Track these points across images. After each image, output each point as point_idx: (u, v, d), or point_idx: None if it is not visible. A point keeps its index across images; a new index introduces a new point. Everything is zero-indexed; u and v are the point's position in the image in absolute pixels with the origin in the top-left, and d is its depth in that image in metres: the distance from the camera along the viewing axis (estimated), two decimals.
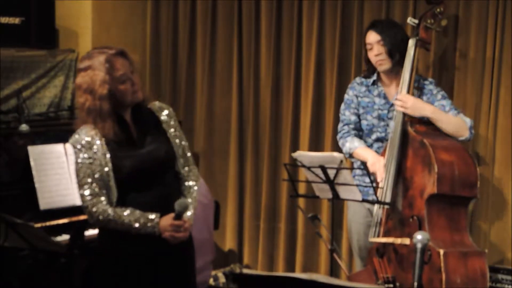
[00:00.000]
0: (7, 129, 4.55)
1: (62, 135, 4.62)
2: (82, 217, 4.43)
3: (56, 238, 4.20)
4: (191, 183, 3.54)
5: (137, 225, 3.31)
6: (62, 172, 4.46)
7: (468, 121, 4.23)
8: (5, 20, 5.00)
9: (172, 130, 3.51)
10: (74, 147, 3.34)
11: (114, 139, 3.33)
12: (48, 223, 4.28)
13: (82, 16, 5.42)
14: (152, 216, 3.32)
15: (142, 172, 3.36)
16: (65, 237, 4.25)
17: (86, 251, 4.40)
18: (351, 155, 4.37)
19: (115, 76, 3.29)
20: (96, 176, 3.31)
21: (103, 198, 3.32)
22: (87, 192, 3.31)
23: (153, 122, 3.48)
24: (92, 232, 4.41)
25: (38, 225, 4.16)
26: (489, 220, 4.61)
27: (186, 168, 3.55)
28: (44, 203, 4.34)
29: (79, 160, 3.32)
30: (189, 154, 3.57)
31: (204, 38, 5.56)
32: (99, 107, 3.28)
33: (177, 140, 3.51)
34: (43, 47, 5.25)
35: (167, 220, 3.34)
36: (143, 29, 5.74)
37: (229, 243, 5.56)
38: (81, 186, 3.33)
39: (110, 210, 3.31)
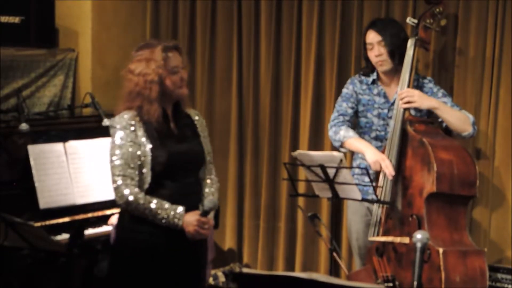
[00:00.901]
0: (7, 128, 4.55)
1: (62, 134, 4.63)
2: (82, 216, 4.45)
3: (55, 238, 4.20)
4: (212, 189, 3.66)
5: (164, 214, 3.39)
6: (62, 171, 4.46)
7: (470, 117, 4.24)
8: (5, 19, 5.00)
9: (203, 137, 3.65)
10: (115, 127, 3.44)
11: (156, 128, 3.44)
12: (47, 222, 4.28)
13: (82, 16, 5.42)
14: (179, 209, 3.41)
15: (176, 166, 3.47)
16: (64, 236, 4.24)
17: (86, 250, 4.41)
18: (342, 144, 4.33)
19: (168, 66, 3.45)
20: (134, 160, 3.40)
21: (135, 182, 3.40)
22: (122, 173, 3.39)
23: (190, 123, 3.62)
24: (91, 231, 4.42)
25: (38, 224, 4.17)
26: (489, 219, 4.61)
27: (209, 176, 3.68)
28: (44, 202, 4.34)
29: (120, 141, 3.42)
30: (211, 164, 3.71)
31: (204, 38, 5.56)
32: (148, 91, 3.42)
33: (206, 148, 3.65)
34: (43, 47, 5.25)
35: (193, 215, 3.43)
36: (143, 29, 5.74)
37: (228, 242, 5.56)
38: (116, 166, 3.41)
39: (141, 195, 3.39)
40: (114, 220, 4.28)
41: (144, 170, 3.41)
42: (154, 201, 3.39)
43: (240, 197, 5.55)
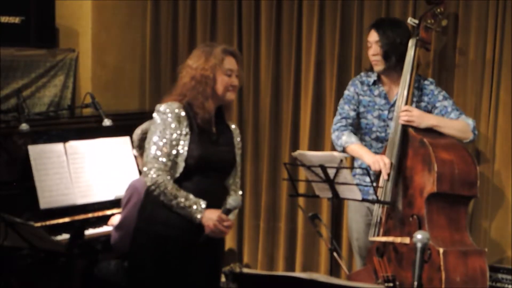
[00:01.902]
0: (7, 128, 4.55)
1: (62, 134, 4.63)
2: (82, 217, 4.45)
3: (56, 238, 4.20)
4: (228, 198, 3.66)
5: (187, 203, 3.44)
6: (62, 172, 4.46)
7: (470, 122, 4.23)
8: (5, 19, 5.01)
9: (238, 149, 3.72)
10: (161, 112, 3.50)
11: (198, 125, 3.52)
12: (48, 223, 4.28)
13: (82, 16, 5.42)
14: (202, 203, 3.46)
15: (207, 165, 3.53)
16: (65, 236, 4.25)
17: (86, 250, 4.41)
18: (344, 149, 4.34)
19: (223, 66, 3.57)
20: (172, 147, 3.47)
21: (168, 168, 3.46)
22: (157, 157, 3.45)
23: (228, 133, 3.70)
24: (92, 231, 4.42)
25: (38, 224, 4.17)
26: (489, 219, 4.61)
27: (234, 188, 3.73)
28: (44, 202, 4.34)
29: (163, 125, 3.47)
30: (239, 179, 3.77)
31: (204, 38, 5.55)
32: (204, 86, 3.54)
33: (238, 159, 3.71)
34: (43, 47, 5.25)
35: (215, 211, 3.47)
36: (143, 29, 5.74)
37: (229, 243, 5.56)
38: (153, 149, 3.46)
39: (169, 182, 3.45)
40: (114, 220, 4.28)
41: (178, 161, 3.48)
42: (181, 190, 3.46)
43: None
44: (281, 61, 5.34)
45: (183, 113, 3.51)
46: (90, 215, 4.49)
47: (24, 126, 4.44)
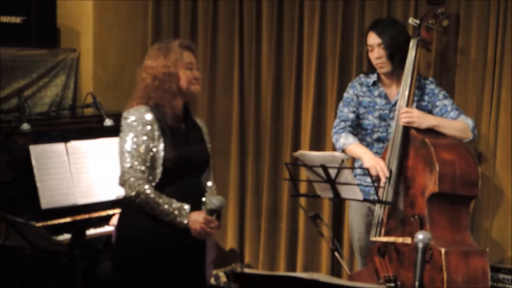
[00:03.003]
0: (8, 128, 4.55)
1: (63, 134, 4.63)
2: (84, 216, 4.46)
3: (57, 238, 4.20)
4: (210, 198, 3.64)
5: (171, 210, 3.38)
6: (63, 171, 4.46)
7: (470, 122, 4.22)
8: (6, 19, 5.00)
9: (208, 143, 3.70)
10: (129, 118, 3.42)
11: (168, 125, 3.45)
12: (49, 223, 4.28)
13: (84, 16, 5.42)
14: (186, 206, 3.41)
15: (184, 165, 3.48)
16: (66, 236, 4.25)
17: (87, 250, 4.41)
18: (343, 151, 4.33)
19: (183, 61, 3.49)
20: (147, 154, 3.40)
21: (146, 176, 3.40)
22: (134, 166, 3.37)
23: (196, 128, 3.66)
24: (93, 231, 4.42)
25: (39, 224, 4.16)
26: (490, 220, 4.61)
27: (210, 182, 3.71)
28: (45, 202, 4.34)
29: (135, 133, 3.39)
30: (211, 172, 3.73)
31: (205, 38, 5.56)
32: (169, 84, 3.46)
33: (209, 152, 3.69)
34: (44, 46, 5.25)
35: (200, 213, 3.44)
36: (144, 29, 5.74)
37: (230, 243, 5.56)
38: (128, 158, 3.39)
39: (151, 189, 3.38)
40: (115, 220, 4.28)
41: (156, 166, 3.42)
42: (163, 196, 3.39)
43: (241, 197, 5.55)
44: (283, 61, 5.34)
45: (151, 117, 3.42)
46: (91, 215, 4.49)
47: (25, 126, 4.44)
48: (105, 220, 4.50)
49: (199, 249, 3.60)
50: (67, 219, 4.38)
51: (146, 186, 3.37)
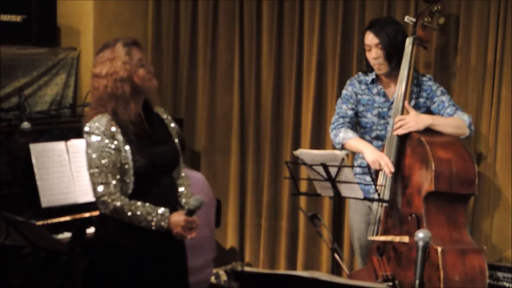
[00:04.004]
0: (8, 127, 4.55)
1: (63, 133, 4.63)
2: (84, 215, 4.46)
3: (57, 236, 4.20)
4: (184, 190, 3.59)
5: (149, 218, 3.30)
6: (63, 170, 4.46)
7: (466, 118, 4.22)
8: (6, 18, 5.01)
9: (175, 136, 3.57)
10: (93, 133, 3.30)
11: (133, 131, 3.35)
12: (49, 221, 4.28)
13: (84, 14, 5.42)
14: (161, 210, 3.33)
15: (156, 169, 3.39)
16: (66, 235, 4.25)
17: (88, 249, 4.41)
18: (343, 146, 4.32)
19: (133, 60, 3.36)
20: (116, 166, 3.30)
21: (118, 190, 3.31)
22: (104, 181, 3.29)
23: (161, 123, 3.54)
24: (93, 230, 4.42)
25: (40, 223, 4.17)
26: (490, 219, 4.61)
27: (182, 174, 3.61)
28: (46, 201, 4.34)
29: (100, 147, 3.29)
30: (182, 163, 3.62)
31: (206, 37, 5.56)
32: (121, 90, 3.32)
33: (178, 146, 3.57)
34: (44, 45, 5.25)
35: (179, 215, 3.36)
36: (145, 28, 5.74)
37: (230, 241, 5.57)
38: (97, 174, 3.30)
39: (125, 201, 3.30)
40: None
41: (126, 176, 3.32)
42: (139, 205, 3.30)
43: (241, 195, 5.55)
44: (283, 60, 5.34)
45: (114, 128, 3.30)
46: (91, 213, 4.49)
47: (25, 125, 4.44)
48: None
49: (178, 252, 3.54)
50: (67, 218, 4.39)
51: (120, 201, 3.28)
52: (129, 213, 3.29)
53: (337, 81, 5.06)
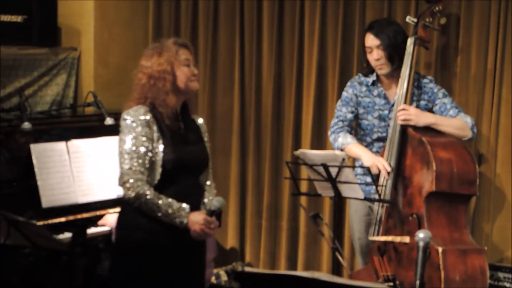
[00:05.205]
0: (9, 127, 4.55)
1: (64, 133, 4.64)
2: (84, 215, 4.46)
3: (58, 236, 4.20)
4: (210, 197, 3.66)
5: (170, 211, 3.36)
6: (64, 170, 4.46)
7: (469, 120, 4.22)
8: (7, 18, 5.00)
9: (206, 142, 3.67)
10: (129, 119, 3.39)
11: (167, 126, 3.43)
12: (50, 221, 4.28)
13: (84, 15, 5.42)
14: (186, 207, 3.39)
15: (184, 166, 3.46)
16: (67, 235, 4.25)
17: (88, 249, 4.41)
18: (341, 151, 4.33)
19: (179, 58, 3.48)
20: (147, 155, 3.37)
21: (145, 177, 3.37)
22: (134, 167, 3.35)
23: (195, 127, 3.63)
24: (94, 230, 4.43)
25: (40, 223, 4.17)
26: (490, 219, 4.61)
27: (210, 181, 3.70)
28: (46, 201, 4.34)
29: (134, 134, 3.36)
30: (211, 170, 3.71)
31: (206, 37, 5.56)
32: (163, 82, 3.43)
33: (209, 151, 3.66)
34: (45, 45, 5.25)
35: (200, 214, 3.42)
36: (145, 28, 5.74)
37: (231, 241, 5.57)
38: (128, 159, 3.36)
39: (150, 192, 3.36)
40: (106, 220, 4.30)
41: (157, 167, 3.40)
42: (162, 197, 3.37)
43: (242, 196, 5.55)
44: (283, 60, 5.34)
45: (150, 117, 3.40)
46: (92, 214, 4.50)
47: (26, 125, 4.44)
48: None
49: (199, 248, 3.59)
50: (68, 218, 4.39)
51: (146, 188, 3.35)
52: (151, 202, 3.35)
53: (338, 81, 5.06)
